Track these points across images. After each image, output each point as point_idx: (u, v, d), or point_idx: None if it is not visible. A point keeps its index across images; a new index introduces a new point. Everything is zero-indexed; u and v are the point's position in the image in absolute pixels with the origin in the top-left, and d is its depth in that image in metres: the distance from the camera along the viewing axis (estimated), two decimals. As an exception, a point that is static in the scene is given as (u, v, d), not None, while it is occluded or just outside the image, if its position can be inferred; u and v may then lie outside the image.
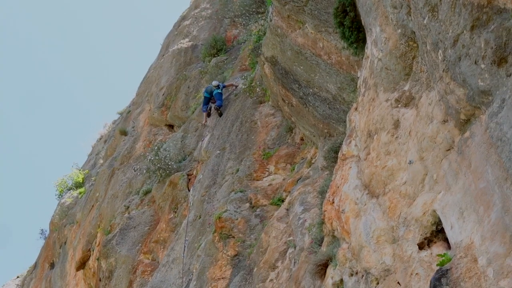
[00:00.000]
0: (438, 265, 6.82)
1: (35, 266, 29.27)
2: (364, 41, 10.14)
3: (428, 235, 7.45)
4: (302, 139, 15.81)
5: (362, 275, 8.67)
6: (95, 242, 21.80)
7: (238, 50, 22.33)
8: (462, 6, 6.11)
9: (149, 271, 17.78)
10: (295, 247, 12.15)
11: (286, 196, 14.20)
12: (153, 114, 23.98)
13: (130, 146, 24.16)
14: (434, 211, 7.30)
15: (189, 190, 17.91)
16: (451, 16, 6.33)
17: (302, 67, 13.83)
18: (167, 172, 19.43)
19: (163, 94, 23.89)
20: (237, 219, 14.41)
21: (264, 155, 16.04)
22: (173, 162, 19.62)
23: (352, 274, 9.05)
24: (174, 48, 25.73)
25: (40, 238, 30.43)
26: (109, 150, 26.82)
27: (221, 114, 19.23)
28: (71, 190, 27.79)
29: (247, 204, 14.87)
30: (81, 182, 27.79)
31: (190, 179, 18.49)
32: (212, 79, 21.11)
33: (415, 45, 7.88)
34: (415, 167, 7.70)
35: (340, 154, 10.28)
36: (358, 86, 10.09)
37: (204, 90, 20.22)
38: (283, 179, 15.17)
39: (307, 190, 13.02)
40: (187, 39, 25.64)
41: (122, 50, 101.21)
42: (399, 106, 8.25)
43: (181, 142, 20.78)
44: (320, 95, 13.61)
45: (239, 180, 15.61)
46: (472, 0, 5.98)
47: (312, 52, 13.25)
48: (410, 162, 7.81)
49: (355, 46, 10.62)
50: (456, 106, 6.68)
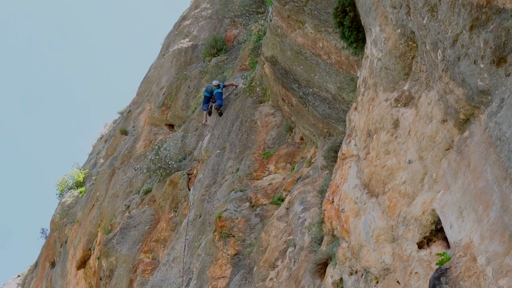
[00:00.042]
0: (437, 264, 6.83)
1: (36, 265, 29.30)
2: (363, 41, 10.14)
3: (427, 234, 7.46)
4: (302, 139, 15.81)
5: (362, 274, 8.68)
6: (96, 241, 21.82)
7: (238, 50, 22.33)
8: (461, 6, 6.13)
9: (149, 270, 17.80)
10: (295, 246, 12.16)
11: (286, 195, 14.21)
12: (153, 113, 23.98)
13: (131, 146, 24.16)
14: (434, 210, 7.31)
15: (189, 190, 17.92)
16: (450, 16, 6.34)
17: (302, 67, 13.84)
18: (168, 171, 19.45)
19: (164, 94, 23.89)
20: (237, 218, 14.43)
21: (264, 155, 16.05)
22: (173, 162, 19.63)
23: (351, 273, 9.06)
24: (174, 48, 25.74)
25: (41, 237, 30.49)
26: (109, 149, 26.83)
27: (221, 114, 19.24)
28: (72, 190, 27.80)
29: (247, 203, 14.88)
30: (81, 181, 27.80)
31: (190, 179, 18.51)
32: (212, 79, 21.10)
33: (415, 45, 7.89)
34: (415, 167, 7.71)
35: (339, 154, 10.28)
36: (357, 86, 10.10)
37: (204, 89, 20.22)
38: (283, 179, 15.18)
39: (307, 190, 13.03)
40: (188, 39, 25.65)
41: (122, 50, 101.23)
42: (399, 105, 8.26)
43: (181, 141, 20.79)
44: (320, 95, 13.62)
45: (239, 179, 15.62)
46: (471, 0, 5.99)
47: (312, 52, 13.26)
48: (410, 161, 7.82)
49: (355, 46, 10.63)
50: (455, 105, 6.69)
